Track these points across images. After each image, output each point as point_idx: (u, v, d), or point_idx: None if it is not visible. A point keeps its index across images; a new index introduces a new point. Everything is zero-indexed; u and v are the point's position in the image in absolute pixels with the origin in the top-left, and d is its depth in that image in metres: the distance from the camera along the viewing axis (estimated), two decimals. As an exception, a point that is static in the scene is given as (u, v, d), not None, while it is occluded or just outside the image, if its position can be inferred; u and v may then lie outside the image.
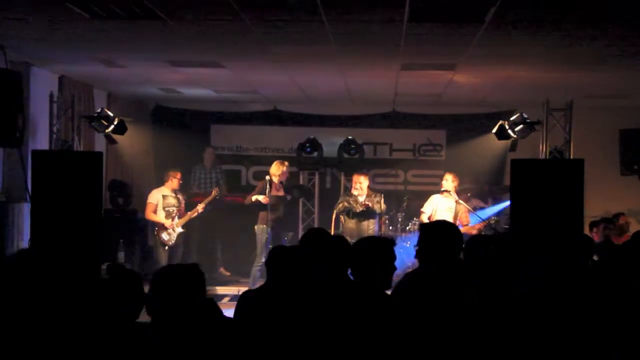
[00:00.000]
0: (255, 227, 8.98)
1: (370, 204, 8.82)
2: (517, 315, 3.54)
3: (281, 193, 9.15)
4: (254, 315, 4.01)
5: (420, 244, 4.07)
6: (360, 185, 8.89)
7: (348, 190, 9.30)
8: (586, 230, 8.01)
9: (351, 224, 8.88)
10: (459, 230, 4.30)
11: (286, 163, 9.23)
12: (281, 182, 9.19)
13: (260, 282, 6.96)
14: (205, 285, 3.07)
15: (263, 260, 8.71)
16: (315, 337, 3.53)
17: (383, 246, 3.77)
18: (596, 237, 8.35)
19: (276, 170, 9.07)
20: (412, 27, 5.82)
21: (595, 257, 7.27)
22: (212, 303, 3.19)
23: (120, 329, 2.90)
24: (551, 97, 7.75)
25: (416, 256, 4.06)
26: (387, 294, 3.81)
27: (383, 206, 8.97)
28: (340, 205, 8.97)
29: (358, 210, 8.80)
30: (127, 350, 2.84)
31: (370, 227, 8.90)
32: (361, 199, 8.85)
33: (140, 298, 3.03)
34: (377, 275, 3.71)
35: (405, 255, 10.46)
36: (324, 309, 3.65)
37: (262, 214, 8.96)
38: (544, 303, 3.89)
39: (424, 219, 9.01)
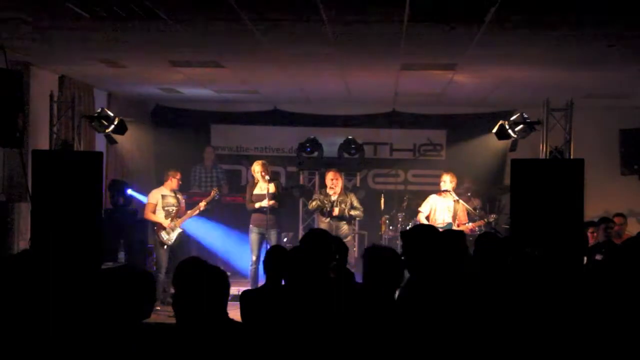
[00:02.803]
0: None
1: (344, 208, 8.79)
2: (516, 313, 3.54)
3: (266, 191, 8.92)
4: (254, 315, 4.02)
5: (406, 252, 4.06)
6: (334, 182, 8.84)
7: (324, 187, 9.21)
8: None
9: (325, 223, 8.85)
10: (437, 231, 4.32)
11: (260, 161, 8.94)
12: (272, 179, 9.00)
13: (261, 282, 6.96)
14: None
15: (253, 259, 8.74)
16: (314, 337, 3.53)
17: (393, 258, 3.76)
18: (591, 238, 8.35)
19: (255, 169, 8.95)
20: (412, 27, 5.82)
21: (597, 257, 7.28)
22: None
23: (126, 329, 2.90)
24: (551, 97, 7.75)
25: (406, 266, 4.05)
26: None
27: (356, 211, 8.89)
28: (314, 202, 8.97)
29: (334, 214, 8.77)
30: (131, 351, 2.84)
31: (344, 227, 8.88)
32: (334, 197, 8.82)
33: (152, 298, 3.04)
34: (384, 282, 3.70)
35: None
36: (323, 309, 3.66)
37: (253, 215, 8.93)
38: (543, 302, 3.89)
39: (422, 218, 9.01)
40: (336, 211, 8.76)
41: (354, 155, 10.85)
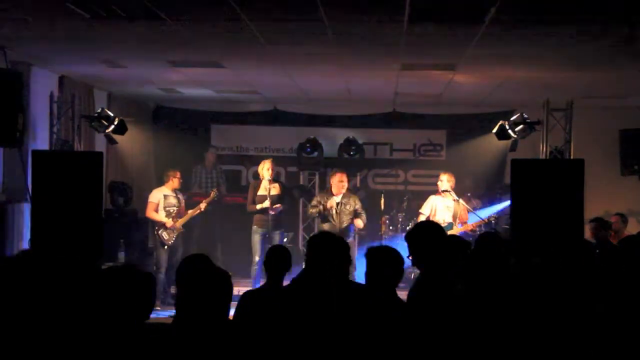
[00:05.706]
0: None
1: (350, 210, 8.60)
2: (516, 312, 3.55)
3: (273, 192, 8.91)
4: (255, 315, 4.02)
5: (412, 251, 4.08)
6: (343, 185, 8.64)
7: (325, 189, 9.00)
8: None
9: (325, 226, 8.64)
10: (440, 226, 4.32)
11: (267, 160, 8.90)
12: (274, 180, 8.98)
13: (262, 282, 6.95)
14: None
15: (256, 259, 8.71)
16: (314, 337, 3.53)
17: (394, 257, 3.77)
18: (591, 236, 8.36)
19: (260, 169, 8.90)
20: (412, 27, 5.82)
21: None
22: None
23: (126, 329, 2.90)
24: (551, 97, 7.76)
25: (414, 264, 4.07)
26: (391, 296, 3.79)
27: (362, 216, 8.70)
28: (314, 210, 8.75)
29: (339, 227, 8.47)
30: (131, 351, 2.84)
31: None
32: (337, 199, 8.60)
33: (152, 299, 3.04)
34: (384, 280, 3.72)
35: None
36: (325, 310, 3.66)
37: (255, 215, 8.88)
38: (542, 302, 3.90)
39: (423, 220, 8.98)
40: (343, 201, 8.57)
41: (354, 155, 10.84)
